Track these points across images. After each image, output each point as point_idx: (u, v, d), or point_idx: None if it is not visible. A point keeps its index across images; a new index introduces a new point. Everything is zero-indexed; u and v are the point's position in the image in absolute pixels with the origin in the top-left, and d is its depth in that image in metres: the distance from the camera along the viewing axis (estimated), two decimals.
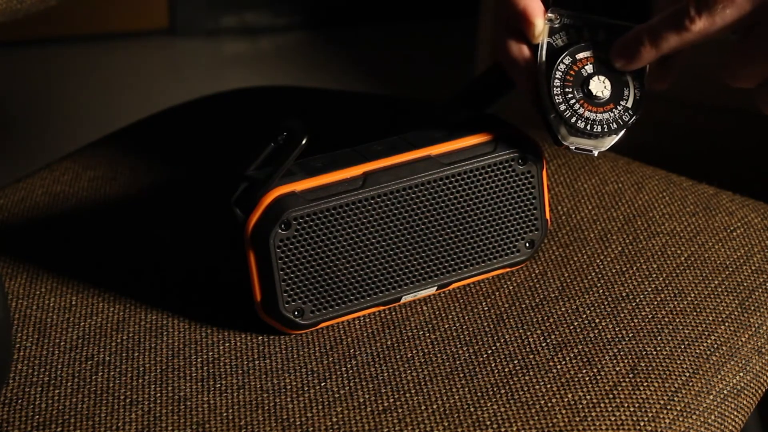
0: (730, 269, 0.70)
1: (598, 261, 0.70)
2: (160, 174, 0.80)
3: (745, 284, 0.69)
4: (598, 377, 0.61)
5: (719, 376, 0.63)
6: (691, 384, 0.62)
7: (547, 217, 0.67)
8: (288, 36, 2.14)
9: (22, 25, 2.02)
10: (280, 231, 0.60)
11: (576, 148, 0.63)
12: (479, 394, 0.60)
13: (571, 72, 0.62)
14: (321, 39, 2.13)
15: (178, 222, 0.74)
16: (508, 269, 0.67)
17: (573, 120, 0.62)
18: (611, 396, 0.60)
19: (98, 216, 0.75)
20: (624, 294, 0.67)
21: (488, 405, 0.59)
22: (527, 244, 0.67)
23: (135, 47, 2.11)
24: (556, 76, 0.62)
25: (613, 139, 0.63)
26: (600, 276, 0.68)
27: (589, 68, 0.62)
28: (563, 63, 0.62)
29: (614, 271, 0.69)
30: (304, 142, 0.60)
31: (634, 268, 0.69)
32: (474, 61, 1.80)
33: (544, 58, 0.62)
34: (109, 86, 1.99)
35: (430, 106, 0.86)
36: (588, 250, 0.71)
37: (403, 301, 0.65)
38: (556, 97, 0.62)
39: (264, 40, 2.13)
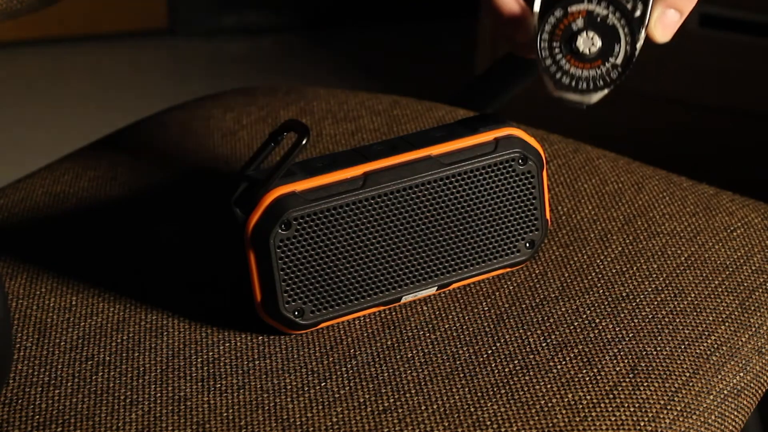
0: (731, 269, 0.70)
1: (598, 261, 0.70)
2: (160, 174, 0.80)
3: (745, 284, 0.69)
4: (598, 377, 0.61)
5: (719, 377, 0.63)
6: (691, 384, 0.62)
7: (548, 217, 0.67)
8: (288, 36, 2.14)
9: (22, 25, 2.02)
10: (280, 231, 0.60)
11: (566, 100, 0.62)
12: (479, 394, 0.60)
13: (561, 26, 0.61)
14: (321, 39, 2.13)
15: (179, 222, 0.74)
16: (509, 269, 0.67)
17: (558, 76, 0.61)
18: (611, 396, 0.60)
19: (98, 216, 0.75)
20: (624, 294, 0.67)
21: (488, 405, 0.59)
22: (527, 244, 0.67)
23: (135, 47, 2.11)
24: (545, 29, 0.60)
25: (601, 94, 0.62)
26: (600, 276, 0.68)
27: (579, 23, 0.60)
28: (554, 16, 0.60)
29: (614, 271, 0.69)
30: (304, 142, 0.60)
31: (635, 268, 0.69)
32: (473, 61, 1.80)
33: (538, 8, 0.61)
34: (109, 86, 1.99)
35: (432, 105, 0.86)
36: (588, 251, 0.71)
37: (403, 301, 0.65)
38: (542, 52, 0.61)
39: (264, 40, 2.14)
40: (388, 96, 0.88)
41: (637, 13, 0.61)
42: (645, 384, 0.61)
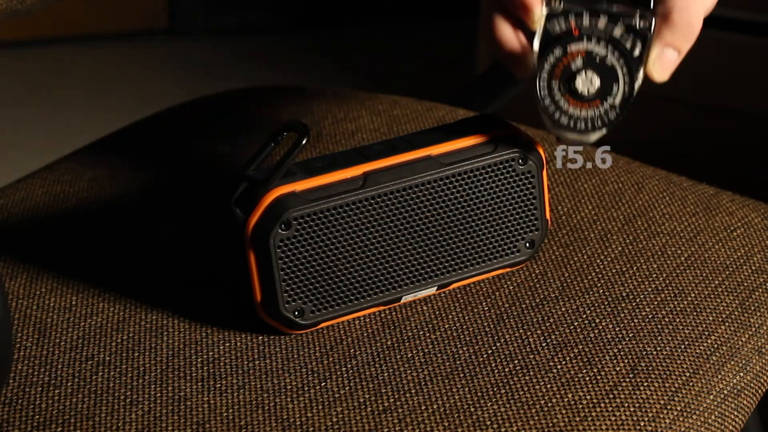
0: (731, 269, 0.70)
1: (598, 261, 0.70)
2: (160, 174, 0.80)
3: (745, 284, 0.69)
4: (598, 377, 0.61)
5: (719, 376, 0.63)
6: (691, 384, 0.62)
7: (548, 217, 0.67)
8: (288, 36, 2.15)
9: (22, 25, 2.02)
10: (280, 231, 0.60)
11: (564, 140, 0.62)
12: (479, 394, 0.60)
13: (560, 65, 0.61)
14: (321, 39, 2.14)
15: (179, 222, 0.74)
16: (509, 269, 0.67)
17: (556, 116, 0.62)
18: (611, 396, 0.60)
19: (98, 216, 0.75)
20: (624, 294, 0.67)
21: (488, 405, 0.59)
22: (527, 244, 0.67)
23: (135, 47, 2.11)
24: (544, 68, 0.61)
25: (600, 134, 0.62)
26: (600, 276, 0.68)
27: (578, 62, 0.61)
28: (553, 55, 0.61)
29: (614, 271, 0.69)
30: (304, 142, 0.60)
31: (634, 268, 0.69)
32: (473, 61, 1.80)
33: (537, 46, 0.61)
34: (109, 86, 2.00)
35: (433, 106, 0.86)
36: (588, 250, 0.71)
37: (403, 301, 0.65)
38: (540, 91, 0.61)
39: (264, 40, 2.14)
40: (388, 96, 0.88)
41: (636, 52, 0.61)
42: (645, 384, 0.61)
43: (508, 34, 0.61)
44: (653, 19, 0.61)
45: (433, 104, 0.86)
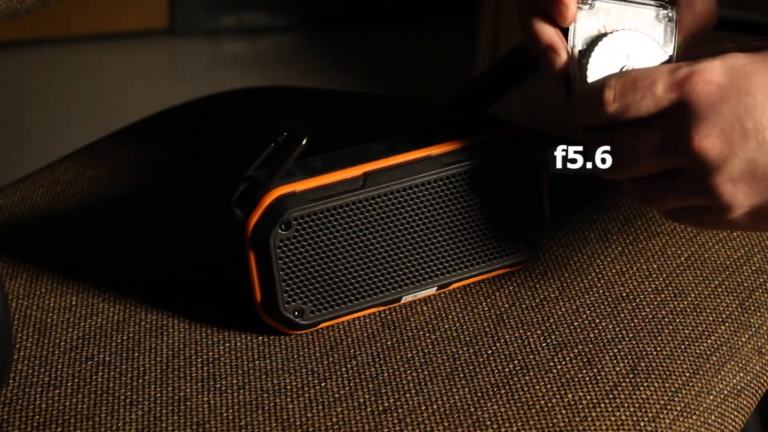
0: (731, 269, 0.70)
1: (598, 261, 0.70)
2: (160, 174, 0.80)
3: (745, 284, 0.69)
4: (598, 377, 0.61)
5: (719, 377, 0.63)
6: (691, 384, 0.62)
7: (547, 217, 0.67)
8: (288, 36, 2.14)
9: (22, 25, 2.02)
10: (280, 231, 0.60)
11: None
12: (479, 394, 0.60)
13: (605, 59, 0.62)
14: (321, 39, 2.14)
15: (179, 222, 0.74)
16: (509, 269, 0.67)
17: None
18: (611, 396, 0.60)
19: (98, 216, 0.75)
20: (624, 294, 0.67)
21: (488, 405, 0.59)
22: (527, 245, 0.67)
23: (135, 47, 2.11)
24: (592, 64, 0.62)
25: None
26: (600, 276, 0.68)
27: (622, 55, 0.62)
28: (598, 51, 0.62)
29: (614, 271, 0.69)
30: (304, 142, 0.60)
31: (634, 268, 0.69)
32: (474, 61, 1.80)
33: (575, 44, 0.62)
34: (109, 86, 1.99)
35: (431, 106, 0.86)
36: (588, 250, 0.71)
37: (403, 301, 0.65)
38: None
39: (264, 40, 2.14)
40: (388, 96, 0.88)
41: (663, 41, 0.63)
42: (645, 384, 0.61)
43: (544, 31, 0.62)
44: (674, 9, 0.63)
45: (433, 104, 0.86)
